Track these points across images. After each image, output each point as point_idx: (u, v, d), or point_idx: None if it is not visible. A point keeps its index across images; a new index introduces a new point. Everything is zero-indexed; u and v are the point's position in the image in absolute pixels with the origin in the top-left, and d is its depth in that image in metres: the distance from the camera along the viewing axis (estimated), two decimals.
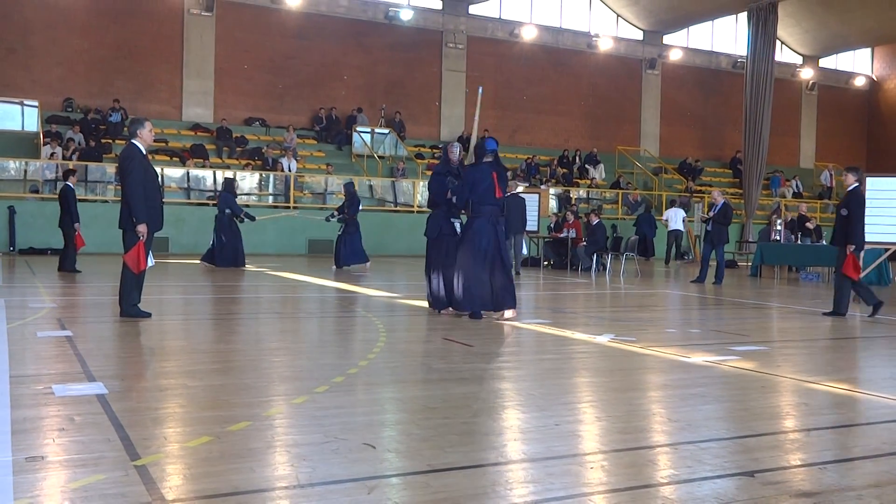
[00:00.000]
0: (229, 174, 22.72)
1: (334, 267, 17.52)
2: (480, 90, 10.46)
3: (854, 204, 10.16)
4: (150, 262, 8.29)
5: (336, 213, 18.26)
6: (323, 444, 3.89)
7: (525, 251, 19.47)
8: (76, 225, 14.52)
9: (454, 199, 9.26)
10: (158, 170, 22.63)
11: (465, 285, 8.93)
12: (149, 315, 8.28)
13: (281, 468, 3.55)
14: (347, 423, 4.32)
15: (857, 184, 10.29)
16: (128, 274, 8.16)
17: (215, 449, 3.77)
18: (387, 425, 4.40)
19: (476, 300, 8.93)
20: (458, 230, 9.56)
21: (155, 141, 24.51)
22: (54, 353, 6.24)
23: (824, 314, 10.54)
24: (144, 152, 8.23)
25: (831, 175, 35.04)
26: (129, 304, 8.24)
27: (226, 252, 16.87)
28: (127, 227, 8.10)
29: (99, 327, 7.99)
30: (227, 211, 16.98)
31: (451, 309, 9.36)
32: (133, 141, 8.24)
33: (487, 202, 8.91)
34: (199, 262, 17.44)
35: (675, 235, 25.11)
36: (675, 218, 25.19)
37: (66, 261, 14.39)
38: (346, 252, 17.49)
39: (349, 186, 18.28)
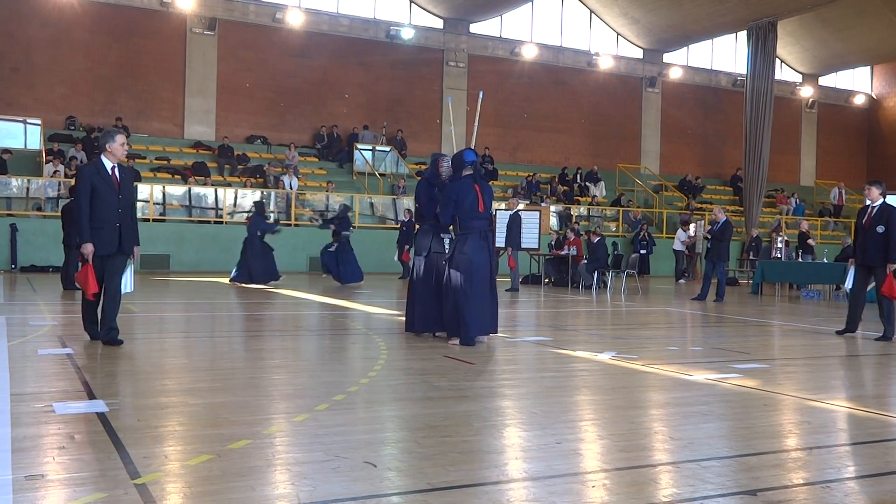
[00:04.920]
0: (255, 195, 22.77)
1: (333, 280, 17.95)
2: (481, 95, 10.27)
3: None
4: (130, 287, 7.76)
5: (325, 222, 18.60)
6: (324, 463, 3.87)
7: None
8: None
9: (440, 218, 8.85)
10: (159, 188, 23.01)
11: (457, 311, 8.25)
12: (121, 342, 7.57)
13: (281, 486, 3.54)
14: (348, 441, 4.31)
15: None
16: (83, 297, 7.63)
17: (216, 467, 3.76)
18: (388, 443, 4.39)
19: (471, 326, 8.19)
20: (447, 248, 8.89)
21: (157, 159, 24.75)
22: (55, 370, 6.23)
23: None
24: (109, 167, 7.53)
25: (841, 193, 34.63)
26: (107, 330, 7.58)
27: (265, 268, 17.23)
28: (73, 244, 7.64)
29: (99, 345, 7.97)
30: (258, 233, 17.34)
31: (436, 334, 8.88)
32: (101, 156, 7.61)
33: (475, 217, 8.39)
34: (228, 282, 17.52)
35: (677, 254, 25.34)
36: (677, 237, 25.40)
37: (68, 278, 14.38)
38: (346, 271, 17.90)
39: (343, 209, 18.88)
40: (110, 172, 7.55)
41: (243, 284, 16.87)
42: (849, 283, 10.74)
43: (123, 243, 7.58)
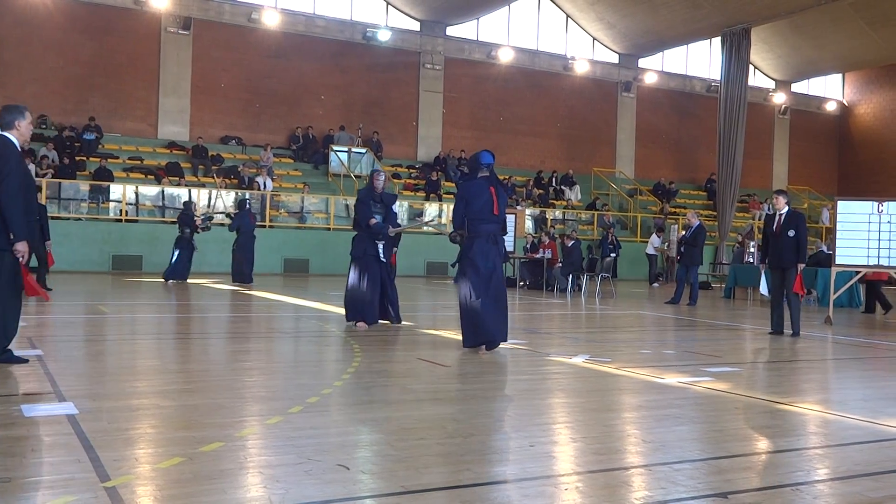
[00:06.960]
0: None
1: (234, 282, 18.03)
2: None
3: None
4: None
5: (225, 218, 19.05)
6: (296, 466, 3.85)
7: None
8: (48, 243, 14.37)
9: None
10: (132, 188, 22.82)
11: (471, 318, 8.01)
12: (26, 361, 6.40)
13: (254, 490, 3.52)
14: (321, 443, 4.29)
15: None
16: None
17: (187, 470, 3.73)
18: (361, 446, 4.37)
19: (488, 331, 7.96)
20: (381, 253, 9.83)
21: (130, 159, 24.52)
22: (24, 372, 6.14)
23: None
24: (20, 149, 6.30)
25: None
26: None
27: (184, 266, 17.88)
28: (2, 245, 6.09)
29: (70, 346, 7.89)
30: (187, 230, 17.96)
31: (363, 324, 9.78)
32: (5, 133, 6.20)
33: (486, 220, 8.07)
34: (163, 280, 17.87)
35: (650, 259, 25.52)
36: (651, 242, 25.62)
37: (40, 280, 14.20)
38: (248, 268, 18.13)
39: (242, 204, 19.10)
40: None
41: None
42: (763, 288, 11.58)
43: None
